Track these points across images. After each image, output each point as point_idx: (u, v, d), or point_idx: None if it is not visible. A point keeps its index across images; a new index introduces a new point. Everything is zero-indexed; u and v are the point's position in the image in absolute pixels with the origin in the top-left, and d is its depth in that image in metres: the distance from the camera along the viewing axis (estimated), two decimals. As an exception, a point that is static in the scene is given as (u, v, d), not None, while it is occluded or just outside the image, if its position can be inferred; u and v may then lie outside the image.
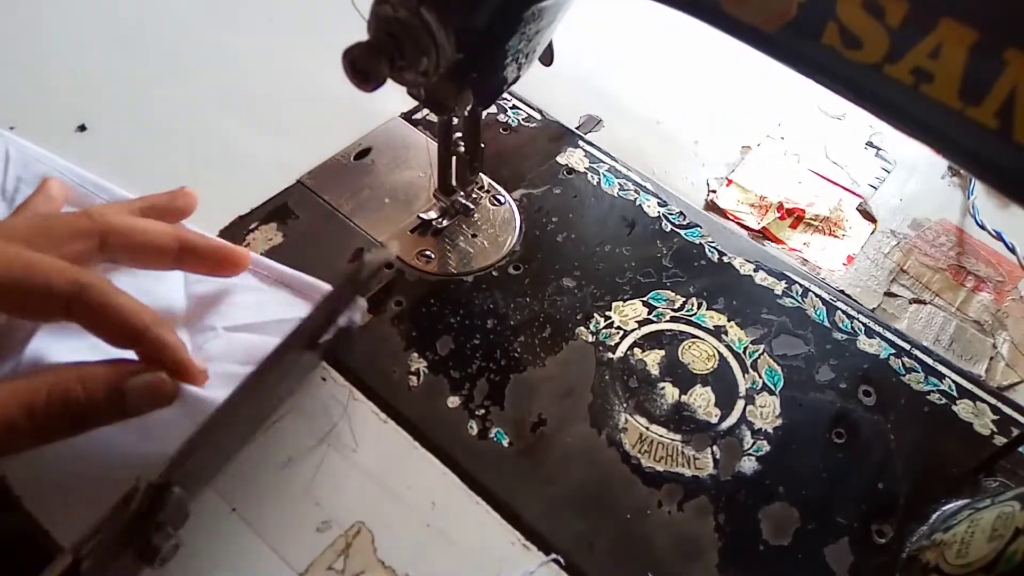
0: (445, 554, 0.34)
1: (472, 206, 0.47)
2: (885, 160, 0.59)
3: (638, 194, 0.51)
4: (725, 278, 0.47)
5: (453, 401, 0.40)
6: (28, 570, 0.30)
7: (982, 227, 0.53)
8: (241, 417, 0.33)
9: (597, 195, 0.51)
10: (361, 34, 0.33)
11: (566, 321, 0.44)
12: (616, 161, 0.53)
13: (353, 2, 0.32)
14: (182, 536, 0.29)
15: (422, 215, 0.46)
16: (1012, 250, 0.52)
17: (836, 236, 0.53)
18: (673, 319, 0.45)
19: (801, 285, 0.47)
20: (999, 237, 0.53)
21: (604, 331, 0.44)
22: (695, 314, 0.45)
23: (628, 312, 0.44)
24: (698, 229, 0.50)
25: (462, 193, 0.46)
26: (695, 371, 0.42)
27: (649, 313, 0.45)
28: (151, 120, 0.51)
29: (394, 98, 0.41)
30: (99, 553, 0.26)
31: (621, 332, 0.44)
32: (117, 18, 0.56)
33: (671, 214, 0.50)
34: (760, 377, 0.43)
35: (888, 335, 0.46)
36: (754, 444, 0.40)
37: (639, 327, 0.44)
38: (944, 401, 0.43)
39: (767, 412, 0.41)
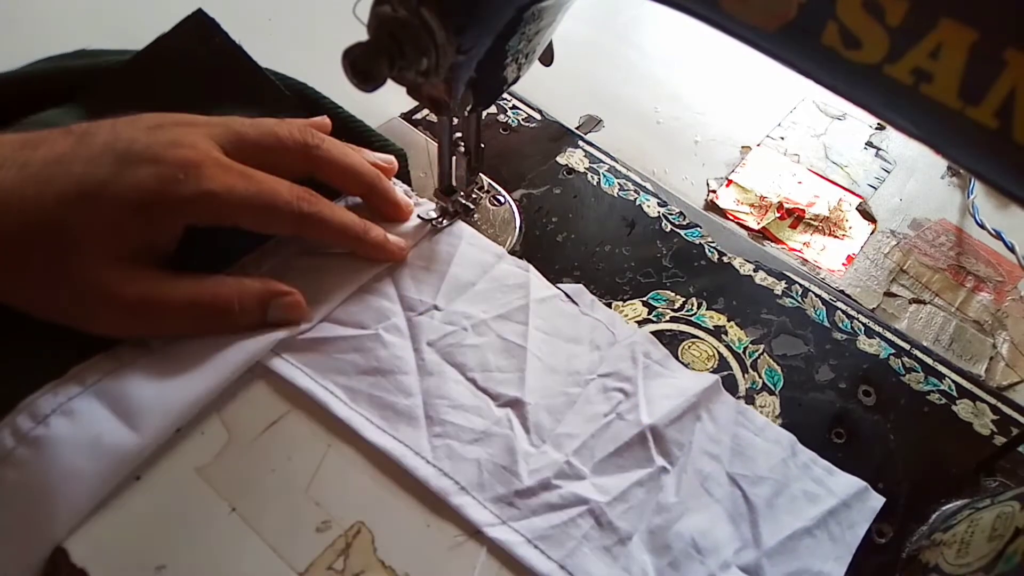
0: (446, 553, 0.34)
1: (472, 206, 0.47)
2: (885, 160, 0.59)
3: (638, 194, 0.51)
4: (725, 278, 0.47)
5: (453, 401, 0.40)
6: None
7: (982, 227, 0.53)
8: None
9: (597, 195, 0.51)
10: (361, 34, 0.33)
11: (566, 321, 0.44)
12: (616, 161, 0.53)
13: (354, 10, 0.32)
14: (183, 535, 0.29)
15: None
16: (1012, 250, 0.52)
17: (836, 236, 0.53)
18: (673, 319, 0.45)
19: (801, 285, 0.47)
20: (999, 237, 0.53)
21: (604, 331, 0.44)
22: (695, 314, 0.45)
23: (628, 312, 0.44)
24: (698, 229, 0.50)
25: (462, 193, 0.46)
26: (695, 371, 0.42)
27: (649, 313, 0.45)
28: (151, 120, 0.51)
29: (394, 98, 0.41)
30: None
31: (621, 332, 0.44)
32: (116, 18, 0.56)
33: (671, 214, 0.50)
34: (760, 377, 0.43)
35: (888, 335, 0.46)
36: (754, 444, 0.40)
37: (639, 327, 0.44)
38: (944, 401, 0.43)
39: (767, 412, 0.41)
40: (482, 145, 0.45)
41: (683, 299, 0.46)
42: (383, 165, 0.44)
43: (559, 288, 0.43)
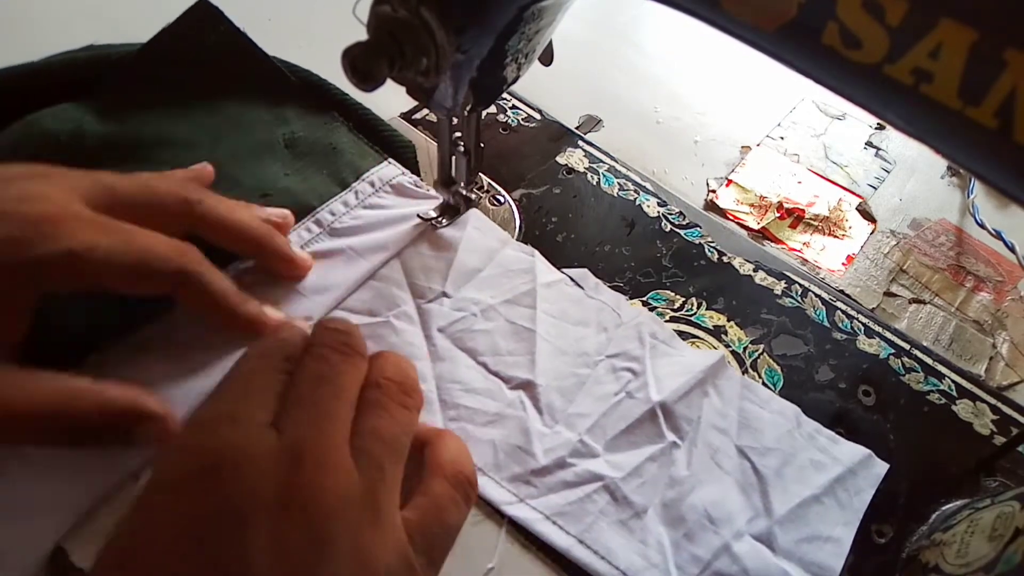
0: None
1: (473, 197, 0.47)
2: (885, 160, 0.59)
3: (638, 194, 0.51)
4: (725, 278, 0.47)
5: (453, 401, 0.40)
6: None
7: (982, 226, 0.53)
8: None
9: (597, 195, 0.51)
10: (361, 34, 0.33)
11: (566, 321, 0.44)
12: (616, 161, 0.53)
13: (354, 10, 0.32)
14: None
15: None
16: (1012, 250, 0.52)
17: (836, 236, 0.53)
18: (673, 319, 0.45)
19: (801, 285, 0.47)
20: (999, 237, 0.53)
21: (604, 331, 0.44)
22: (695, 314, 0.45)
23: (628, 312, 0.44)
24: (698, 229, 0.50)
25: (462, 184, 0.45)
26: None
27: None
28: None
29: (394, 98, 0.41)
30: None
31: (621, 332, 0.44)
32: (114, 18, 0.56)
33: (671, 214, 0.50)
34: (760, 377, 0.43)
35: (888, 335, 0.46)
36: (754, 444, 0.40)
37: (639, 327, 0.44)
38: (944, 401, 0.43)
39: (767, 412, 0.41)
40: (482, 145, 0.45)
41: (683, 299, 0.46)
42: (276, 220, 0.39)
43: (564, 273, 0.44)
